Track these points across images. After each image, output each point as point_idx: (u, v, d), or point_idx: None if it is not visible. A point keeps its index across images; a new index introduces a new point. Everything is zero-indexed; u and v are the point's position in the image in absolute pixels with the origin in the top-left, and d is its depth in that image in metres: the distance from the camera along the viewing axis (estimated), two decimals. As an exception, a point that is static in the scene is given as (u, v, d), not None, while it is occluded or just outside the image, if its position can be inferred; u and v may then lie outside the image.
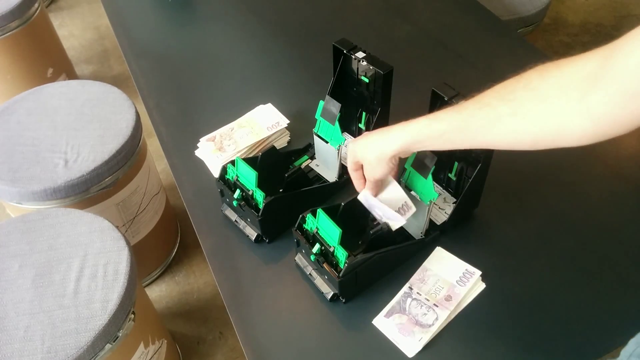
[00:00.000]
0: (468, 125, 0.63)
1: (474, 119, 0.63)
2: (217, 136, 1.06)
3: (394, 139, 0.71)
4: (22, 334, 0.99)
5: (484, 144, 0.64)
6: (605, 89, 0.50)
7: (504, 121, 0.60)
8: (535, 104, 0.57)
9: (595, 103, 0.52)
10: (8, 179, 1.28)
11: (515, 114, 0.59)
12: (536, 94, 0.57)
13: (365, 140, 0.77)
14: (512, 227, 0.91)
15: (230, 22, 1.41)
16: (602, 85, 0.50)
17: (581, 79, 0.53)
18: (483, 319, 0.80)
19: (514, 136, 0.60)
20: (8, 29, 1.91)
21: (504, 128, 0.60)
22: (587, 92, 0.52)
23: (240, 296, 0.85)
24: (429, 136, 0.68)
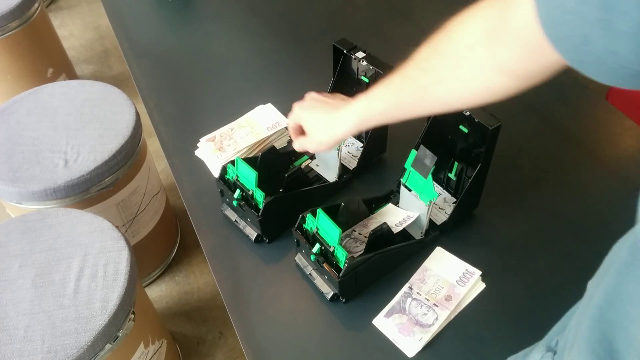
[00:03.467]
0: (400, 101, 0.65)
1: (403, 94, 0.64)
2: (217, 136, 1.06)
3: (343, 123, 0.74)
4: (22, 334, 0.99)
5: (423, 113, 0.66)
6: (509, 46, 0.50)
7: (429, 91, 0.61)
8: (451, 69, 0.58)
9: (504, 60, 0.52)
10: (8, 179, 1.28)
11: (436, 82, 0.60)
12: (449, 59, 0.58)
13: (314, 118, 0.79)
14: (512, 227, 0.91)
15: (230, 22, 1.41)
16: (506, 41, 0.50)
17: (485, 35, 0.53)
18: (483, 319, 0.80)
19: (444, 102, 0.61)
20: (8, 29, 1.91)
21: (432, 97, 0.62)
22: (494, 50, 0.52)
23: (240, 296, 0.85)
24: (372, 116, 0.70)
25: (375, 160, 1.02)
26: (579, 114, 1.10)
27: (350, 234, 0.87)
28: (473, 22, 0.55)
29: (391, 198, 0.93)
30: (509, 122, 0.82)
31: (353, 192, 0.98)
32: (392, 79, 0.65)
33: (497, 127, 0.77)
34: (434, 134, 0.87)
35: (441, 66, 0.59)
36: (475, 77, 0.56)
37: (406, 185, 0.87)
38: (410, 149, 0.85)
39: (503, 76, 0.54)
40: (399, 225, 0.86)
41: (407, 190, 0.87)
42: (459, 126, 0.83)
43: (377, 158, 1.02)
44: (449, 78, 0.59)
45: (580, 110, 1.11)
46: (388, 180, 0.97)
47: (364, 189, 0.98)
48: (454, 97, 0.60)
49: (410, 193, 0.87)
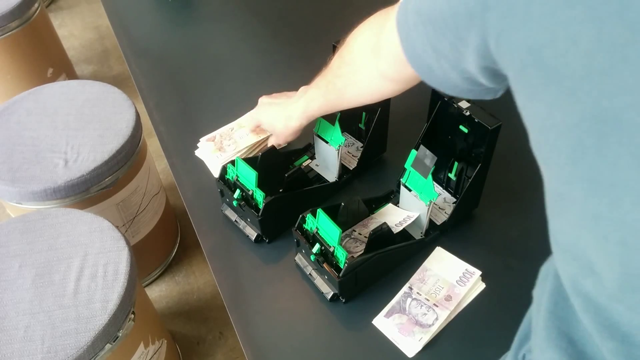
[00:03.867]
0: (327, 100, 0.82)
1: (329, 95, 0.81)
2: (217, 136, 1.06)
3: (295, 119, 0.89)
4: (22, 334, 0.99)
5: (347, 107, 0.82)
6: (386, 59, 0.64)
7: (345, 92, 0.78)
8: (356, 75, 0.74)
9: (385, 70, 0.67)
10: (8, 179, 1.28)
11: (347, 85, 0.77)
12: (352, 67, 0.75)
13: (270, 117, 0.96)
14: (513, 227, 0.91)
15: (230, 22, 1.41)
16: (383, 55, 0.65)
17: (370, 50, 0.69)
18: (483, 319, 0.80)
19: (357, 99, 0.78)
20: (8, 29, 1.91)
21: (347, 96, 0.78)
22: (377, 62, 0.67)
23: (240, 296, 0.85)
24: (313, 112, 0.87)
25: (375, 160, 1.02)
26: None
27: (350, 234, 0.87)
28: (363, 37, 0.72)
29: (391, 198, 0.93)
30: (509, 122, 0.82)
31: (353, 192, 0.98)
32: (320, 82, 0.83)
33: (497, 127, 0.77)
34: (434, 134, 0.87)
35: (347, 73, 0.76)
36: (370, 82, 0.72)
37: (406, 185, 0.87)
38: (410, 149, 0.85)
39: (387, 81, 0.69)
40: (399, 225, 0.86)
41: (407, 190, 0.87)
42: (459, 126, 0.83)
43: (377, 158, 1.02)
44: (354, 82, 0.75)
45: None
46: (388, 180, 0.97)
47: (364, 189, 0.98)
48: (361, 96, 0.77)
49: (410, 193, 0.87)
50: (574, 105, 0.33)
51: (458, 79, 0.51)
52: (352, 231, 0.88)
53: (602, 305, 0.36)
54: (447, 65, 0.50)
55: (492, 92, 0.53)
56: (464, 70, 0.48)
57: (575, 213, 0.35)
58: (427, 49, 0.52)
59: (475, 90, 0.53)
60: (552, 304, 0.44)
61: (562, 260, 0.40)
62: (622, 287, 0.34)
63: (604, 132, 0.32)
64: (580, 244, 0.36)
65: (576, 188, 0.34)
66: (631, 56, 0.30)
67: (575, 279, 0.39)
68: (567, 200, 0.36)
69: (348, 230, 0.88)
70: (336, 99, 0.81)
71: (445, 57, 0.49)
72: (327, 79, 0.80)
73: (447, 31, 0.46)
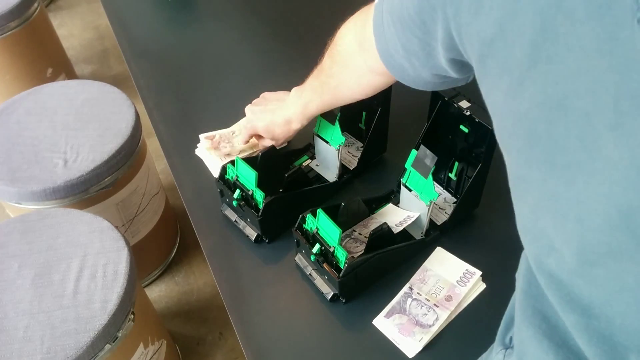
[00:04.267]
0: (324, 100, 0.85)
1: (325, 95, 0.83)
2: (217, 136, 1.06)
3: (296, 120, 0.91)
4: (22, 335, 0.99)
5: (343, 104, 0.85)
6: (372, 54, 0.64)
7: (338, 91, 0.81)
8: (347, 73, 0.77)
9: (373, 64, 0.67)
10: (7, 179, 1.28)
11: (340, 84, 0.79)
12: (342, 66, 0.77)
13: (266, 122, 0.95)
14: (513, 227, 0.90)
15: (230, 22, 1.41)
16: (369, 50, 0.65)
17: (357, 46, 0.71)
18: (483, 319, 0.80)
19: (351, 95, 0.80)
20: (7, 28, 1.90)
21: (343, 93, 0.81)
22: (365, 57, 0.70)
23: (240, 296, 0.84)
24: (311, 114, 0.89)
25: (375, 160, 1.02)
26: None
27: (351, 234, 0.87)
28: (349, 34, 0.74)
29: (391, 198, 0.93)
30: (509, 122, 0.82)
31: (353, 192, 0.98)
32: (314, 83, 0.85)
33: None
34: (434, 134, 0.87)
35: (338, 72, 0.78)
36: (361, 77, 0.74)
37: (406, 185, 0.87)
38: (410, 149, 0.85)
39: (377, 75, 0.71)
40: (399, 225, 0.86)
41: (408, 190, 0.87)
42: (459, 126, 0.83)
43: (377, 158, 1.02)
44: (346, 80, 0.78)
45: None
46: (388, 180, 0.97)
47: (364, 189, 0.98)
48: (354, 92, 0.79)
49: (410, 193, 0.87)
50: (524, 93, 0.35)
51: (429, 76, 0.54)
52: (352, 231, 0.88)
53: (564, 281, 0.38)
54: (418, 64, 0.53)
55: (463, 81, 0.55)
56: (434, 66, 0.51)
57: (535, 194, 0.37)
58: (398, 49, 0.55)
59: (447, 81, 0.56)
60: (526, 283, 0.46)
61: (525, 241, 0.42)
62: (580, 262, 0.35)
63: (552, 118, 0.34)
64: (539, 224, 0.38)
65: (534, 170, 0.36)
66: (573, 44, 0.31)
67: (538, 258, 0.41)
68: (527, 182, 0.38)
69: (348, 230, 0.87)
70: (332, 98, 0.84)
71: (415, 55, 0.52)
72: (321, 80, 0.83)
73: (416, 28, 0.48)
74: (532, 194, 0.37)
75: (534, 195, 0.37)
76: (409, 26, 0.49)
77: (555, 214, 0.36)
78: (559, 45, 0.32)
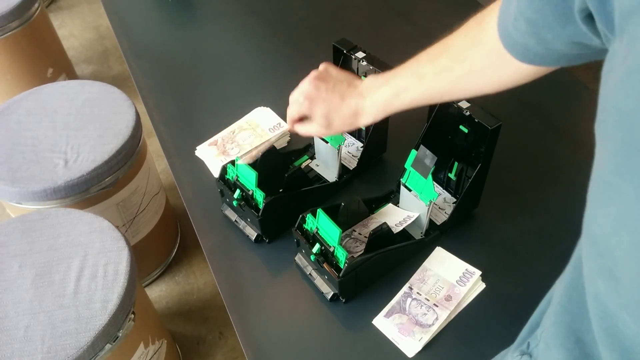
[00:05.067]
0: (433, 91, 0.67)
1: (437, 84, 0.66)
2: (219, 140, 1.06)
3: (367, 115, 0.74)
4: (22, 334, 0.99)
5: (453, 99, 0.73)
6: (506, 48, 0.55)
7: (465, 80, 0.64)
8: (488, 58, 0.60)
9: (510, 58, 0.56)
10: (8, 179, 1.28)
11: (472, 71, 0.63)
12: (481, 49, 0.60)
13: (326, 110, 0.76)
14: (512, 227, 0.91)
15: (230, 22, 1.41)
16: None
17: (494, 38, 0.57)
18: (483, 319, 0.80)
19: (480, 88, 0.64)
20: (8, 29, 1.91)
21: (467, 85, 0.65)
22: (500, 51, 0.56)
23: (240, 296, 0.85)
24: (399, 107, 0.71)
25: (375, 160, 1.02)
26: (579, 114, 1.10)
27: (350, 234, 0.87)
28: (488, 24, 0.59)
29: (391, 198, 0.93)
30: (509, 122, 0.82)
31: (353, 192, 0.98)
32: (422, 69, 0.67)
33: (497, 127, 0.77)
34: (434, 134, 0.87)
35: (477, 56, 0.61)
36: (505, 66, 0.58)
37: (406, 185, 0.87)
38: (410, 149, 0.85)
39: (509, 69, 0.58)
40: (399, 225, 0.86)
41: (407, 190, 0.87)
42: (459, 126, 0.83)
43: (377, 158, 1.02)
44: (485, 67, 0.61)
45: (581, 110, 1.11)
46: (388, 180, 0.97)
47: (364, 189, 0.98)
48: (485, 85, 0.63)
49: (410, 193, 0.87)
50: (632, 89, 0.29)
51: (565, 46, 0.46)
52: (352, 231, 0.88)
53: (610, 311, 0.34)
54: (551, 36, 0.45)
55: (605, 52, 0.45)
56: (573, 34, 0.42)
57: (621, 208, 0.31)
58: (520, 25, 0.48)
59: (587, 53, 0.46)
60: (567, 297, 0.41)
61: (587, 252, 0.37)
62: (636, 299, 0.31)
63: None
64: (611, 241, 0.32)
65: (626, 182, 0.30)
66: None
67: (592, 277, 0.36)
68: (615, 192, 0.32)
69: (348, 230, 0.88)
70: (448, 89, 0.67)
71: (546, 26, 0.44)
72: (439, 64, 0.65)
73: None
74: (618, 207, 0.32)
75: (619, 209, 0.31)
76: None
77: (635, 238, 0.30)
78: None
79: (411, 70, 0.68)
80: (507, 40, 0.52)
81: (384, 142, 1.01)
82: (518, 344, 0.55)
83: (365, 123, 0.75)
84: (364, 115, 0.74)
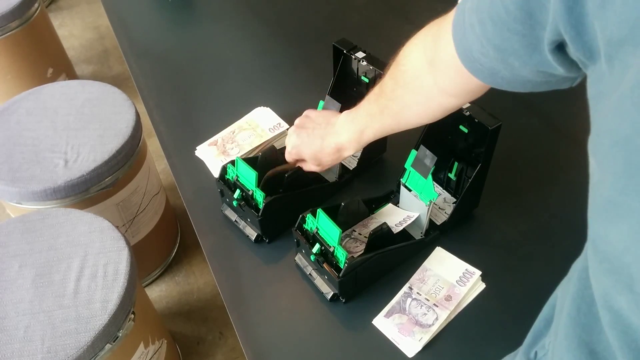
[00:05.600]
0: (384, 126, 0.77)
1: (386, 120, 0.75)
2: (219, 140, 1.06)
3: (348, 148, 0.83)
4: (22, 334, 0.99)
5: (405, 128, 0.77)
6: (445, 73, 0.60)
7: (402, 115, 0.73)
8: (413, 96, 0.69)
9: (445, 85, 0.62)
10: (8, 179, 1.28)
11: (404, 107, 0.71)
12: (407, 88, 0.69)
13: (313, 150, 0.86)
14: (512, 227, 0.91)
15: (230, 22, 1.41)
16: (442, 69, 0.60)
17: (427, 65, 0.63)
18: (483, 319, 0.80)
19: (417, 120, 0.73)
20: (8, 29, 1.91)
21: (405, 119, 0.73)
22: (435, 77, 0.63)
23: (240, 296, 0.85)
24: (370, 138, 0.80)
25: (375, 160, 1.02)
26: (579, 114, 1.10)
27: (350, 234, 0.87)
28: (416, 53, 0.66)
29: (391, 198, 0.93)
30: (509, 122, 0.82)
31: (353, 192, 0.98)
32: (372, 108, 0.77)
33: (497, 127, 0.77)
34: (434, 134, 0.87)
35: (403, 95, 0.70)
36: (430, 101, 0.67)
37: (406, 185, 0.87)
38: (410, 149, 0.85)
39: (448, 97, 0.64)
40: (399, 225, 0.86)
41: (407, 190, 0.87)
42: (459, 126, 0.83)
43: (377, 158, 1.02)
44: (412, 103, 0.70)
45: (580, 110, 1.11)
46: (388, 180, 0.97)
47: (364, 189, 0.98)
48: (420, 117, 0.72)
49: (410, 193, 0.87)
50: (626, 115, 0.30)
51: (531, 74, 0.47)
52: (352, 231, 0.88)
53: (633, 326, 0.34)
54: (518, 63, 0.46)
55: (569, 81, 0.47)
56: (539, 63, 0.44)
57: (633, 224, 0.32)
58: (487, 51, 0.49)
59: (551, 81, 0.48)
60: (575, 309, 0.41)
61: (598, 270, 0.37)
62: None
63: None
64: (626, 257, 0.33)
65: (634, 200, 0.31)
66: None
67: (607, 292, 0.36)
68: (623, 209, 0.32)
69: (348, 230, 0.88)
70: (393, 123, 0.75)
71: (514, 54, 0.45)
72: (381, 104, 0.74)
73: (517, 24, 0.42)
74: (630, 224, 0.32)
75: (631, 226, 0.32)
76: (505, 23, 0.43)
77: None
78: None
79: (365, 109, 0.78)
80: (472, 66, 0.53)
81: (384, 142, 1.01)
82: (524, 352, 0.55)
83: (348, 155, 0.84)
84: (345, 150, 0.83)
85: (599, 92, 0.35)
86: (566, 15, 0.35)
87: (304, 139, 0.87)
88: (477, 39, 0.49)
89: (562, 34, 0.37)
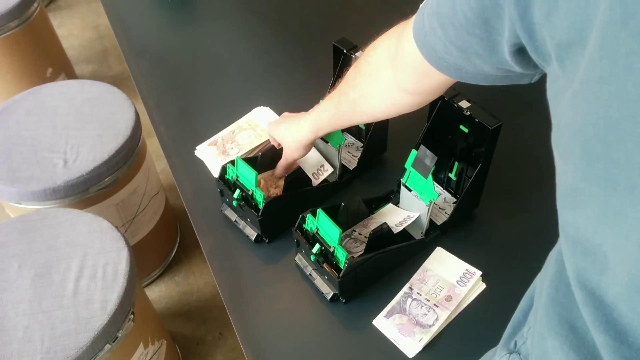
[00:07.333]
0: (339, 112, 0.79)
1: (341, 106, 0.78)
2: (218, 140, 1.06)
3: (302, 129, 0.86)
4: (22, 335, 0.99)
5: (359, 121, 0.81)
6: (405, 70, 0.63)
7: (358, 104, 0.74)
8: (372, 86, 0.71)
9: (403, 82, 0.65)
10: (7, 179, 1.28)
11: (361, 96, 0.73)
12: (367, 78, 0.72)
13: (280, 130, 0.90)
14: (513, 227, 0.91)
15: (230, 22, 1.41)
16: (402, 66, 0.63)
17: (389, 61, 0.66)
18: (483, 319, 0.80)
19: (371, 112, 0.75)
20: (7, 28, 1.90)
21: (360, 109, 0.75)
22: (395, 73, 0.66)
23: (240, 296, 0.84)
24: (324, 124, 0.83)
25: (375, 160, 1.02)
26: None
27: (350, 234, 0.87)
28: (382, 48, 0.69)
29: (391, 198, 0.93)
30: (509, 122, 0.82)
31: (353, 192, 0.98)
32: (333, 94, 0.79)
33: (497, 127, 0.77)
34: (434, 134, 0.87)
35: (363, 83, 0.73)
36: (387, 94, 0.69)
37: (406, 185, 0.87)
38: (410, 149, 0.85)
39: (405, 94, 0.67)
40: (399, 225, 0.86)
41: (407, 190, 0.87)
42: (459, 126, 0.83)
43: (377, 158, 1.02)
44: (369, 93, 0.72)
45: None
46: (388, 180, 0.97)
47: (364, 189, 0.98)
48: (375, 109, 0.74)
49: (410, 193, 0.87)
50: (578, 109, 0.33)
51: (491, 70, 0.51)
52: (352, 231, 0.88)
53: (605, 302, 0.36)
54: (479, 61, 0.50)
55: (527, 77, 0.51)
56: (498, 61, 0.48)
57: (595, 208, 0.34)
58: (451, 51, 0.52)
59: (510, 76, 0.52)
60: (554, 289, 0.44)
61: (570, 253, 0.39)
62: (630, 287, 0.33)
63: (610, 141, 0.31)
64: (595, 238, 0.35)
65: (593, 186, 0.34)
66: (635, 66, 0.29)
67: (581, 273, 0.38)
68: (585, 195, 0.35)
69: (348, 231, 0.87)
70: (348, 111, 0.77)
71: (476, 53, 0.49)
72: (341, 90, 0.77)
73: (475, 29, 0.46)
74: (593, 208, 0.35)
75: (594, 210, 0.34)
76: (464, 27, 0.47)
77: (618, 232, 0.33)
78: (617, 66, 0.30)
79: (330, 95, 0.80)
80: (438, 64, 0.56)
81: (384, 142, 1.01)
82: (504, 343, 0.57)
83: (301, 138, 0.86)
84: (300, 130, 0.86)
85: (556, 91, 0.38)
86: (519, 22, 0.38)
87: (279, 121, 0.93)
88: (440, 41, 0.52)
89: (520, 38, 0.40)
